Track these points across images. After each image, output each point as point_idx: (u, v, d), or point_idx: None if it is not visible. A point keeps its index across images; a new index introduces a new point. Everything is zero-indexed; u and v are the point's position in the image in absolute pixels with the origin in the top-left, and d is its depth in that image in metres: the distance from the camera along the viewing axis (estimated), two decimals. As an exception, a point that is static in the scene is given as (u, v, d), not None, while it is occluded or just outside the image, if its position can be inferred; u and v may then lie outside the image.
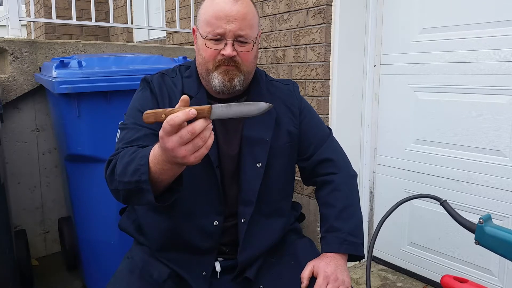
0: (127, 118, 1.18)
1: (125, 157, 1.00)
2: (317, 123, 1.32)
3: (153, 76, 1.22)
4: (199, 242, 1.15)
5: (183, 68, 1.25)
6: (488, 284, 1.95)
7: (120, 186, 0.99)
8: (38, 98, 2.46)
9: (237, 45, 1.09)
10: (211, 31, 1.09)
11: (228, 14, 1.07)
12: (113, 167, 1.04)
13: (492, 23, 1.86)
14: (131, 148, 1.05)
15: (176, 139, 0.83)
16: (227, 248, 1.20)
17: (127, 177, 0.96)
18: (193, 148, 0.84)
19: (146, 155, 0.94)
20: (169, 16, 3.66)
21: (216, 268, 1.17)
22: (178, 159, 0.86)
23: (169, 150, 0.85)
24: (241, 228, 1.17)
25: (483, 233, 0.89)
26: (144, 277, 1.15)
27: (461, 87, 1.99)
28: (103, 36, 5.32)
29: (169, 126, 0.82)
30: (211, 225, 1.15)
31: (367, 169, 2.42)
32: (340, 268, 1.11)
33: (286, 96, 1.27)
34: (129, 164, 0.97)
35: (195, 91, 1.18)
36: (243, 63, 1.12)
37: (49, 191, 2.58)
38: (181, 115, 0.82)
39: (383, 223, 1.03)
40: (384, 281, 2.29)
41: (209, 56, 1.11)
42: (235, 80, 1.12)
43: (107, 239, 1.93)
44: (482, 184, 1.94)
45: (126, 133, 1.14)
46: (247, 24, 1.09)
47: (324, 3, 2.18)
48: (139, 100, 1.19)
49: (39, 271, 2.39)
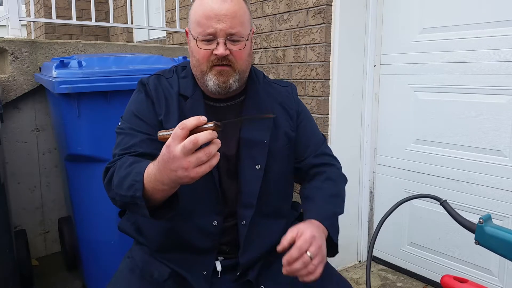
0: (123, 123, 1.17)
1: (122, 169, 1.01)
2: (314, 128, 1.32)
3: (149, 78, 1.21)
4: (199, 242, 1.15)
5: (179, 69, 1.25)
6: (488, 284, 1.95)
7: (117, 197, 1.01)
8: (38, 98, 2.46)
9: (229, 44, 1.09)
10: (202, 31, 1.08)
11: (217, 13, 1.07)
12: (110, 176, 1.04)
13: (492, 23, 1.86)
14: (129, 159, 1.04)
15: (180, 148, 0.82)
16: (227, 248, 1.20)
17: (123, 191, 0.97)
18: (196, 161, 0.82)
19: (141, 172, 0.94)
20: (169, 16, 3.66)
21: (217, 268, 1.17)
22: (179, 172, 0.84)
23: (172, 160, 0.83)
24: (241, 230, 1.16)
25: (483, 233, 0.89)
26: (145, 277, 1.15)
27: (461, 87, 1.99)
28: (103, 36, 5.32)
29: (180, 130, 0.82)
30: (210, 225, 1.15)
31: (367, 169, 2.42)
32: (324, 241, 1.03)
33: (284, 98, 1.27)
34: (125, 178, 0.98)
35: (191, 92, 1.17)
36: (237, 62, 1.11)
37: (49, 191, 2.58)
38: (192, 120, 0.83)
39: (383, 223, 1.02)
40: (384, 281, 2.29)
41: (202, 57, 1.10)
42: (230, 81, 1.11)
43: (107, 239, 1.92)
44: (482, 184, 1.94)
45: (122, 139, 1.14)
46: (238, 21, 1.09)
47: (324, 3, 2.18)
48: (135, 103, 1.19)
49: (39, 271, 2.39)
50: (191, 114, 1.11)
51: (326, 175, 1.24)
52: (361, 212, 2.46)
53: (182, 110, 1.15)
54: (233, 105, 1.21)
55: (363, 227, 2.48)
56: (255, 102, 1.20)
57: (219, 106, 1.20)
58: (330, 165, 1.28)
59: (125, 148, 1.11)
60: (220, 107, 1.20)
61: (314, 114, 2.29)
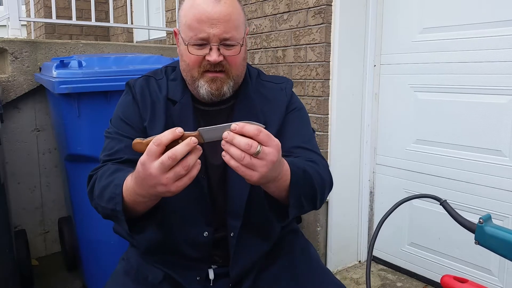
0: (111, 126, 1.14)
1: (103, 179, 0.98)
2: (304, 123, 1.21)
3: (137, 80, 1.16)
4: (190, 252, 1.12)
5: (169, 70, 1.18)
6: (488, 284, 1.95)
7: (99, 208, 0.99)
8: (38, 98, 2.46)
9: (223, 49, 1.02)
10: (194, 35, 1.01)
11: (210, 16, 0.99)
12: (92, 186, 1.02)
13: (492, 23, 1.86)
14: (110, 167, 1.01)
15: (157, 165, 0.78)
16: (220, 259, 1.17)
17: (104, 203, 0.95)
18: (174, 176, 0.79)
19: (120, 184, 0.91)
20: (169, 16, 3.66)
21: (209, 276, 1.15)
22: (158, 188, 0.81)
23: (150, 178, 0.80)
24: (231, 242, 1.12)
25: (483, 233, 0.89)
26: (139, 279, 1.14)
27: (461, 87, 1.99)
28: (103, 36, 5.32)
29: (156, 147, 0.78)
30: (201, 236, 1.11)
31: (367, 169, 2.42)
32: (284, 170, 0.90)
33: (276, 95, 1.18)
34: (105, 188, 0.95)
35: (180, 96, 1.12)
36: (231, 68, 1.05)
37: (49, 191, 2.58)
38: (168, 134, 0.79)
39: (383, 223, 1.02)
40: (384, 281, 2.29)
41: (193, 62, 1.04)
42: (224, 88, 1.06)
43: (107, 239, 1.92)
44: (482, 184, 1.94)
45: (108, 143, 1.11)
46: (232, 25, 1.01)
47: (324, 3, 2.18)
48: (122, 106, 1.15)
49: (39, 271, 2.39)
50: (179, 119, 1.08)
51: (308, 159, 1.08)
52: (361, 212, 2.46)
53: (170, 115, 1.10)
54: (224, 109, 1.14)
55: (363, 227, 2.48)
56: (246, 105, 1.14)
57: (209, 110, 1.13)
58: (312, 161, 1.09)
59: (110, 154, 1.08)
60: (210, 111, 1.13)
61: (314, 114, 2.29)
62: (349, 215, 2.42)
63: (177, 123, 1.07)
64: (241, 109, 1.14)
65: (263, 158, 0.80)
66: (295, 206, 0.95)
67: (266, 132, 0.81)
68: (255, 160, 0.80)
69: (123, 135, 1.09)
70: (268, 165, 0.81)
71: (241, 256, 1.13)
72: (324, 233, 2.38)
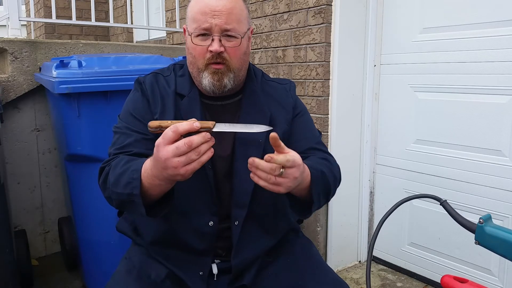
0: (120, 121, 1.17)
1: (118, 167, 1.01)
2: (310, 124, 1.28)
3: (146, 76, 1.21)
4: (196, 242, 1.14)
5: (177, 67, 1.24)
6: (488, 284, 1.95)
7: (113, 195, 1.02)
8: (38, 98, 2.46)
9: (224, 40, 1.08)
10: (197, 26, 1.08)
11: (213, 8, 1.06)
12: (105, 175, 1.05)
13: (492, 23, 1.86)
14: (124, 157, 1.05)
15: (172, 149, 0.86)
16: (224, 252, 1.18)
17: (120, 189, 0.98)
18: (185, 160, 0.86)
19: (138, 169, 0.96)
20: (169, 16, 3.66)
21: (213, 270, 1.16)
22: (169, 171, 0.87)
23: (162, 160, 0.87)
24: (234, 231, 1.15)
25: (483, 233, 0.89)
26: (142, 277, 1.15)
27: (461, 87, 1.99)
28: (103, 36, 5.32)
29: (172, 133, 0.86)
30: (206, 226, 1.14)
31: (367, 169, 2.42)
32: (305, 176, 1.00)
33: (281, 95, 1.25)
34: (122, 175, 0.99)
35: (188, 90, 1.17)
36: (232, 59, 1.10)
37: (49, 191, 2.58)
38: (186, 125, 0.87)
39: (383, 223, 1.03)
40: (384, 281, 2.29)
41: (198, 54, 1.10)
42: (225, 80, 1.11)
43: (107, 239, 1.92)
44: (482, 184, 1.94)
45: (117, 138, 1.14)
46: (234, 18, 1.08)
47: (324, 3, 2.18)
48: (131, 102, 1.19)
49: (39, 271, 2.39)
50: (187, 113, 1.13)
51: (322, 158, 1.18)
52: (361, 212, 2.46)
53: (179, 108, 1.15)
54: (230, 104, 1.19)
55: (363, 227, 2.48)
56: (252, 101, 1.19)
57: (216, 104, 1.18)
58: (326, 159, 1.19)
59: (120, 147, 1.11)
60: (216, 105, 1.18)
61: (314, 114, 2.29)
62: (349, 215, 2.42)
63: (185, 116, 1.13)
64: (247, 104, 1.19)
65: (286, 176, 0.92)
66: (316, 204, 1.06)
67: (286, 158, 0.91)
68: (280, 179, 0.92)
69: (133, 130, 1.13)
70: (291, 181, 0.93)
71: (243, 247, 1.16)
72: (324, 233, 2.38)
